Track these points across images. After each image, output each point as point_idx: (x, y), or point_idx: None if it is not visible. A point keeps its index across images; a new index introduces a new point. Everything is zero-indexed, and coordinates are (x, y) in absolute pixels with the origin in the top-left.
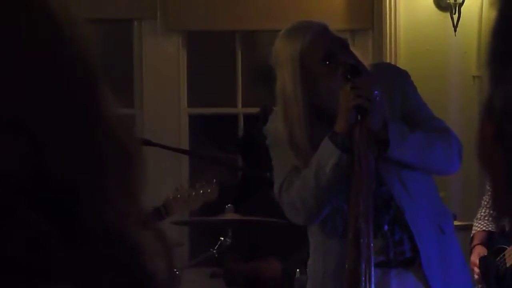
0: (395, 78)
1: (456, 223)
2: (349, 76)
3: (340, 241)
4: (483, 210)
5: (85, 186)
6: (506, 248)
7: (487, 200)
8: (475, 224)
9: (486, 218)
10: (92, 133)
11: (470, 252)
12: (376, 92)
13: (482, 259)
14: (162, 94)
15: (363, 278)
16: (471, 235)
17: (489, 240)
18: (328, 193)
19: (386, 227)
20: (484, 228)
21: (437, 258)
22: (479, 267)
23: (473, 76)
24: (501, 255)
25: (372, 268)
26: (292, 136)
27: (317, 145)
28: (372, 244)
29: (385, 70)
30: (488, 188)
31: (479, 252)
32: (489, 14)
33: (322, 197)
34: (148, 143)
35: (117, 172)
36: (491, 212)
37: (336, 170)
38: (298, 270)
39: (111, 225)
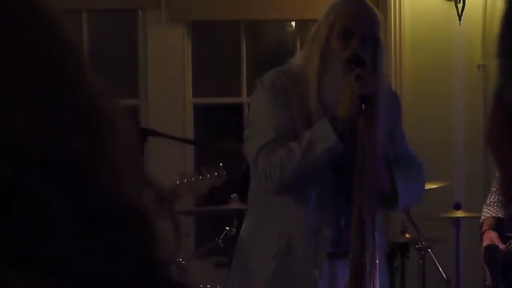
0: (392, 96)
1: (461, 213)
2: (353, 66)
3: (303, 211)
4: (492, 196)
5: (86, 158)
6: None
7: (496, 186)
8: (484, 210)
9: (496, 204)
10: (83, 106)
11: (480, 238)
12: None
13: (487, 247)
14: (167, 85)
15: (368, 268)
16: (481, 220)
17: (498, 227)
18: (310, 171)
19: (342, 223)
20: (493, 214)
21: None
22: (485, 255)
23: (478, 65)
24: (508, 243)
25: (377, 258)
26: (304, 72)
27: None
28: (376, 233)
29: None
30: (497, 174)
31: (490, 236)
32: (494, 3)
33: (303, 174)
34: (153, 133)
35: (111, 140)
36: (500, 198)
37: (327, 154)
38: None
39: (115, 193)
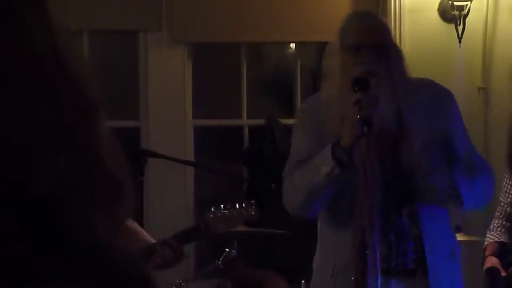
0: (440, 99)
1: (461, 237)
2: (356, 88)
3: (347, 233)
4: (496, 221)
5: (73, 208)
6: None
7: (500, 211)
8: (487, 235)
9: (499, 229)
10: (84, 160)
11: (482, 263)
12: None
13: (489, 269)
14: (167, 106)
15: None
16: (484, 246)
17: (501, 252)
18: (320, 193)
19: (392, 236)
20: (496, 239)
21: (447, 282)
22: (487, 278)
23: (478, 88)
24: None
25: (379, 279)
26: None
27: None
28: (378, 255)
29: (430, 88)
30: (501, 199)
31: (491, 262)
32: (494, 26)
33: (313, 195)
34: (154, 154)
35: (105, 199)
36: (504, 223)
37: (328, 179)
38: (303, 281)
39: (96, 247)
